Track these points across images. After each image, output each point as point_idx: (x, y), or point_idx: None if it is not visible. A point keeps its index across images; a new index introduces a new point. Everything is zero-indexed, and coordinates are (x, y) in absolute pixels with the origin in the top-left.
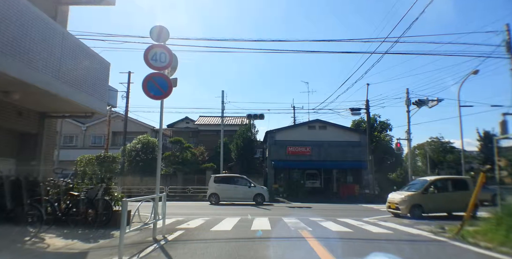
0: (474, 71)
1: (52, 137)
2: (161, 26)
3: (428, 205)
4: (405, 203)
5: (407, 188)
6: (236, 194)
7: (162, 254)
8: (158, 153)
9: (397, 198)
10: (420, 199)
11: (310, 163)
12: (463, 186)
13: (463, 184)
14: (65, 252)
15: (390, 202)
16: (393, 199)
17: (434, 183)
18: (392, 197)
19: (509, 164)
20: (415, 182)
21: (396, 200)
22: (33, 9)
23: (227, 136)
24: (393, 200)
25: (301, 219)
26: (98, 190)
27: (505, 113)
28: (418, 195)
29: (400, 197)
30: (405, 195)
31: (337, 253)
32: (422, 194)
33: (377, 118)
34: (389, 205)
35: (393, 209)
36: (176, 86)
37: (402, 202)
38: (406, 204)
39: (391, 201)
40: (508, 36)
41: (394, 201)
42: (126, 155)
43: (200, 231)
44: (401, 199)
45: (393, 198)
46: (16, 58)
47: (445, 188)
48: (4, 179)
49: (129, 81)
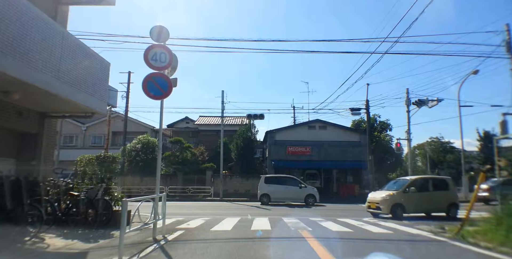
0: (474, 71)
1: (52, 137)
2: (161, 26)
3: (409, 205)
4: (386, 202)
5: (387, 187)
6: (287, 195)
7: (162, 254)
8: (158, 153)
9: (378, 198)
10: (402, 199)
11: (310, 163)
12: (443, 186)
13: (443, 184)
14: (65, 252)
15: (371, 202)
16: (373, 198)
17: (415, 182)
18: (372, 196)
19: (509, 164)
20: (395, 181)
21: (377, 200)
22: (33, 9)
23: (227, 136)
24: (373, 200)
25: (301, 219)
26: (98, 190)
27: (505, 113)
28: (399, 194)
29: (381, 196)
30: (386, 194)
31: (337, 253)
32: (403, 194)
33: (377, 118)
34: (369, 205)
35: (373, 209)
36: (176, 86)
37: (383, 201)
38: (387, 203)
39: (371, 201)
40: (508, 36)
41: (375, 201)
42: (126, 155)
43: (200, 231)
44: (382, 199)
45: (374, 197)
46: (16, 58)
47: (426, 188)
48: (4, 179)
49: (129, 81)
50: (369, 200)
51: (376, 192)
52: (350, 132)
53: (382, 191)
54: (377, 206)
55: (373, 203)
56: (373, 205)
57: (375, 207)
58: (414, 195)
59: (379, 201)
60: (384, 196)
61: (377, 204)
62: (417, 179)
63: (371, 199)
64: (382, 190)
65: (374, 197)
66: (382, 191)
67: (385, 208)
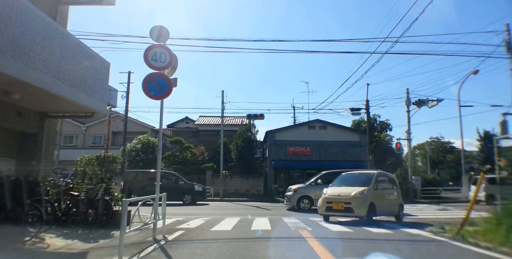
0: (474, 71)
1: (52, 137)
2: (161, 26)
3: (379, 205)
4: (361, 201)
5: (345, 183)
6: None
7: (162, 254)
8: (158, 153)
9: (347, 195)
10: (373, 197)
11: (310, 163)
12: (395, 183)
13: (394, 182)
14: (65, 252)
15: (333, 201)
16: (338, 196)
17: (380, 177)
18: (333, 193)
19: (509, 164)
20: (352, 175)
21: (346, 198)
22: (33, 9)
23: (227, 136)
24: (338, 198)
25: (301, 219)
26: (98, 190)
27: (505, 113)
28: (371, 192)
29: (352, 193)
30: (358, 191)
31: (337, 253)
32: (374, 191)
33: (377, 118)
34: (328, 206)
35: (338, 211)
36: (176, 86)
37: (357, 200)
38: (363, 203)
39: (334, 199)
40: (508, 36)
41: (342, 199)
42: (126, 155)
43: (200, 231)
44: (355, 197)
45: (338, 194)
46: (16, 58)
47: (386, 185)
48: (4, 179)
49: (129, 81)
50: (329, 198)
51: (332, 188)
52: (350, 132)
53: (343, 187)
54: (346, 207)
55: (337, 203)
56: (337, 205)
57: (342, 208)
58: (381, 194)
59: (351, 200)
60: (357, 193)
61: (346, 204)
62: (380, 173)
63: (332, 198)
64: (337, 186)
65: (338, 195)
66: (343, 187)
67: (361, 209)
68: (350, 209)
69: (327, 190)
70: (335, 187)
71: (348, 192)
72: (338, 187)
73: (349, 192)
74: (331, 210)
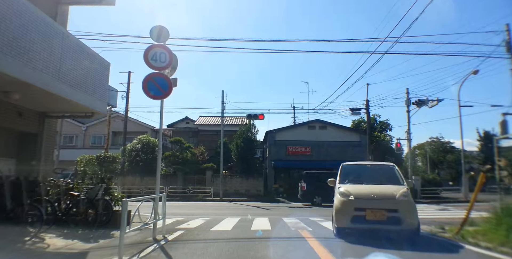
0: (474, 71)
1: (52, 137)
2: (161, 26)
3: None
4: (412, 207)
5: (354, 178)
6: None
7: (162, 254)
8: (158, 153)
9: (387, 197)
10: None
11: (310, 163)
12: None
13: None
14: (65, 252)
15: (366, 207)
16: (372, 198)
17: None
18: (362, 193)
19: (509, 164)
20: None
21: (388, 202)
22: (33, 9)
23: (227, 136)
24: (374, 202)
25: (301, 219)
26: (98, 190)
27: (505, 113)
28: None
29: (393, 194)
30: (402, 191)
31: (337, 253)
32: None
33: (377, 118)
34: (358, 214)
35: (376, 223)
36: (176, 86)
37: (406, 204)
38: (413, 209)
39: (367, 204)
40: (508, 36)
41: (381, 204)
42: (126, 155)
43: (200, 231)
44: (401, 200)
45: (372, 196)
46: (16, 58)
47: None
48: (4, 179)
49: (129, 81)
50: (358, 201)
51: (352, 186)
52: (350, 132)
53: (371, 186)
54: (390, 216)
55: (375, 210)
56: (375, 213)
57: (383, 218)
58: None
59: (397, 205)
60: (402, 194)
61: (389, 212)
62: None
63: (364, 200)
64: (355, 183)
65: (372, 196)
66: (371, 186)
67: (412, 218)
68: (396, 220)
69: (347, 188)
70: (357, 185)
71: (387, 193)
72: (360, 185)
73: (389, 192)
74: (364, 221)
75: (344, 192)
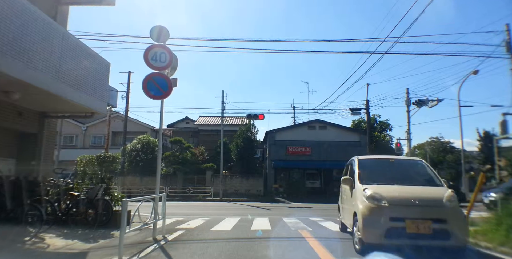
0: (474, 71)
1: (52, 137)
2: (161, 26)
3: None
4: (462, 216)
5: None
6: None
7: (162, 254)
8: (158, 153)
9: (432, 202)
10: None
11: (310, 163)
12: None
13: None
14: (65, 252)
15: (405, 216)
16: (412, 204)
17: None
18: (396, 196)
19: (509, 164)
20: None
21: (433, 210)
22: (33, 9)
23: (227, 136)
24: (415, 211)
25: (301, 219)
26: (98, 190)
27: (505, 113)
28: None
29: (439, 198)
30: (449, 195)
31: (337, 253)
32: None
33: (377, 118)
34: (395, 226)
35: (419, 237)
36: (176, 86)
37: (455, 213)
38: (464, 218)
39: (406, 213)
40: (508, 36)
41: (425, 213)
42: (126, 155)
43: (200, 231)
44: (450, 207)
45: (411, 201)
46: (16, 58)
47: None
48: (4, 179)
49: (129, 81)
50: (392, 209)
51: (379, 187)
52: (350, 132)
53: (405, 187)
54: (436, 229)
55: (417, 221)
56: (418, 225)
57: (428, 231)
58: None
59: (445, 214)
60: (449, 199)
61: (436, 223)
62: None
63: (400, 207)
64: (381, 183)
65: (411, 202)
66: (405, 187)
67: (464, 230)
68: (444, 233)
69: (376, 191)
70: (388, 187)
71: (432, 198)
72: (390, 186)
73: (433, 196)
74: (403, 236)
75: (374, 196)
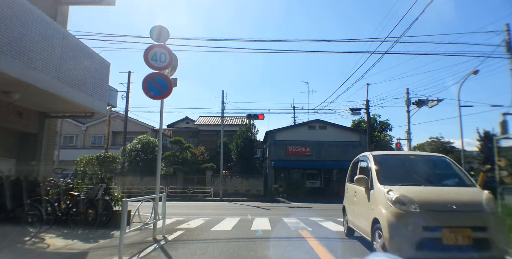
0: (474, 71)
1: (52, 137)
2: (161, 26)
3: None
4: (503, 224)
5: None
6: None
7: (162, 254)
8: (158, 153)
9: (470, 207)
10: None
11: (310, 163)
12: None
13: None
14: (65, 252)
15: (442, 224)
16: (449, 209)
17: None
18: (429, 199)
19: (509, 164)
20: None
21: (473, 217)
22: (33, 9)
23: (227, 136)
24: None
25: (301, 219)
26: (98, 190)
27: (505, 113)
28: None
29: (478, 202)
30: (486, 198)
31: (337, 253)
32: None
33: (377, 118)
34: (430, 236)
35: (459, 249)
36: (176, 86)
37: (497, 220)
38: (504, 226)
39: (442, 219)
40: (508, 36)
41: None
42: (126, 155)
43: (200, 231)
44: (490, 212)
45: (445, 205)
46: (16, 58)
47: None
48: (4, 179)
49: (129, 81)
50: (427, 217)
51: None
52: (350, 132)
53: (435, 188)
54: (477, 238)
55: (456, 229)
56: (457, 234)
57: (468, 241)
58: None
59: (486, 221)
60: (488, 202)
61: (477, 231)
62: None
63: (436, 212)
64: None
65: (446, 207)
66: (435, 188)
67: (504, 239)
68: (484, 243)
69: (403, 193)
70: (415, 188)
71: (470, 201)
72: (417, 187)
73: (471, 200)
74: (439, 248)
75: (402, 200)
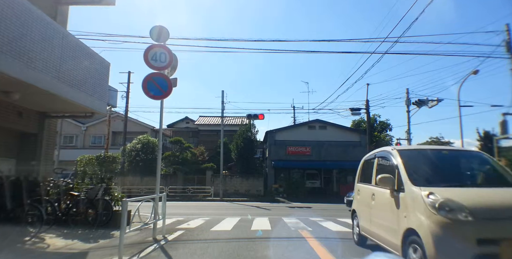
0: (474, 71)
1: (52, 137)
2: (161, 26)
3: None
4: None
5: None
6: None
7: (162, 254)
8: (158, 153)
9: None
10: None
11: (310, 163)
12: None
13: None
14: (65, 252)
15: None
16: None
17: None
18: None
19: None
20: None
21: None
22: (33, 9)
23: (227, 136)
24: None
25: (301, 219)
26: (98, 190)
27: (505, 113)
28: None
29: None
30: None
31: (337, 253)
32: None
33: (377, 118)
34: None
35: None
36: (176, 86)
37: None
38: None
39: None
40: (508, 36)
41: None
42: (126, 155)
43: (200, 231)
44: None
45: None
46: (16, 58)
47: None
48: (4, 179)
49: (129, 81)
50: (483, 227)
51: (456, 189)
52: (350, 132)
53: (483, 190)
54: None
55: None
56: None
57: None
58: None
59: None
60: None
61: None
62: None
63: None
64: (445, 184)
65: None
66: (483, 190)
67: None
68: None
69: (448, 197)
70: (460, 190)
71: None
72: (461, 188)
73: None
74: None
75: (449, 205)
